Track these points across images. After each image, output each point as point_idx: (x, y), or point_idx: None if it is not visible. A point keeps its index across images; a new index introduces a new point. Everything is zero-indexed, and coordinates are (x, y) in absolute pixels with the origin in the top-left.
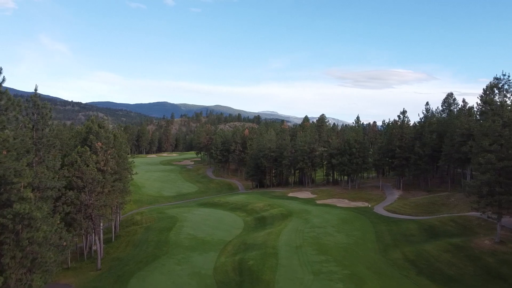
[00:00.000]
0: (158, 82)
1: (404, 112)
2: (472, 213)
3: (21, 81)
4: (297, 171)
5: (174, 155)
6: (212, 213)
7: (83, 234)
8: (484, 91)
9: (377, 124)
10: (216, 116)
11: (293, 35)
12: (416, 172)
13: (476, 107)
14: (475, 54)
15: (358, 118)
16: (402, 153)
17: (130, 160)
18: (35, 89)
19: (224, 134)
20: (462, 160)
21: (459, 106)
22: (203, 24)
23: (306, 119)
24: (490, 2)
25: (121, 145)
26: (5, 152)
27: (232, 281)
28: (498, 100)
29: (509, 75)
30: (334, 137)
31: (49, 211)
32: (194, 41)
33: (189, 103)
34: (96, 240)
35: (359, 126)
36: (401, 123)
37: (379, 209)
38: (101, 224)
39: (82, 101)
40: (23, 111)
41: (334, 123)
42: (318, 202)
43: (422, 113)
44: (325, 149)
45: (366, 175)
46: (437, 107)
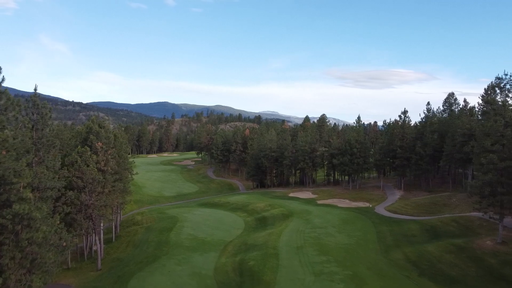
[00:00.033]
0: (159, 82)
1: (405, 112)
2: (474, 214)
3: (22, 81)
4: (298, 171)
5: (175, 155)
6: (212, 213)
7: (84, 234)
8: (485, 91)
9: (378, 124)
10: (216, 116)
11: (293, 35)
12: (417, 172)
13: (477, 107)
14: (476, 54)
15: (359, 118)
16: (403, 153)
17: (131, 160)
18: (35, 89)
19: (225, 134)
20: (463, 160)
21: (460, 106)
22: (203, 24)
23: (307, 119)
24: (490, 2)
25: (122, 145)
26: (5, 152)
27: (232, 281)
28: (500, 100)
29: (511, 75)
30: (335, 137)
31: (49, 211)
32: (195, 41)
33: (190, 103)
34: (96, 240)
35: (360, 126)
36: (402, 123)
37: (380, 210)
38: (101, 224)
39: (83, 101)
40: (22, 111)
41: (335, 123)
42: (319, 202)
43: (424, 113)
44: (326, 149)
45: (367, 175)
46: (438, 107)
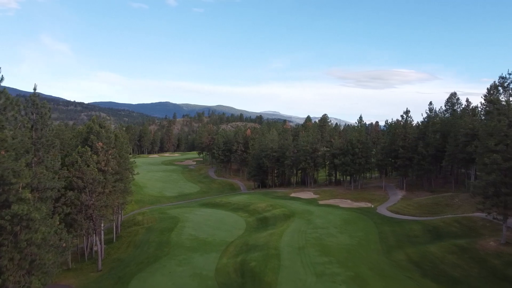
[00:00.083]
0: (160, 82)
1: (407, 112)
2: (477, 214)
3: (23, 81)
4: (300, 171)
5: (176, 155)
6: (214, 213)
7: (84, 235)
8: (488, 91)
9: (380, 124)
10: (218, 116)
11: (294, 35)
12: (420, 173)
13: (480, 106)
14: (478, 54)
15: (361, 118)
16: (405, 153)
17: (132, 160)
18: (34, 89)
19: (226, 134)
20: (466, 160)
21: (463, 106)
22: (205, 24)
23: (308, 119)
24: (491, 2)
25: (123, 145)
26: (4, 152)
27: (234, 282)
28: (503, 99)
29: None
30: (336, 137)
31: (48, 212)
32: (196, 41)
33: (191, 103)
34: (97, 241)
35: (362, 126)
36: (404, 123)
37: (382, 210)
38: (102, 225)
39: (85, 101)
40: (22, 111)
41: (336, 123)
42: (320, 202)
43: (426, 112)
44: (328, 149)
45: (369, 175)
46: (440, 106)
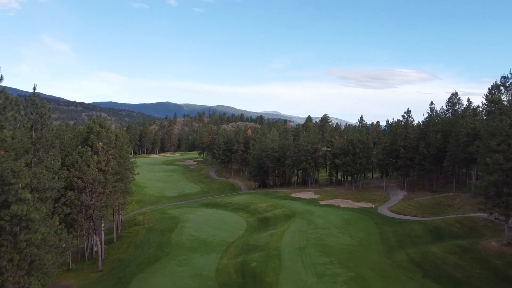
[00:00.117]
0: (161, 82)
1: (408, 112)
2: (478, 214)
3: (24, 81)
4: (300, 171)
5: (177, 155)
6: (214, 213)
7: (84, 235)
8: (489, 90)
9: (380, 124)
10: (218, 116)
11: (295, 35)
12: (421, 173)
13: (481, 106)
14: (478, 54)
15: (361, 117)
16: (406, 153)
17: (132, 160)
18: (34, 88)
19: (227, 134)
20: (467, 160)
21: (464, 106)
22: (205, 24)
23: (309, 119)
24: (492, 2)
25: (123, 145)
26: (3, 152)
27: (234, 283)
28: (505, 99)
29: None
30: (337, 137)
31: (48, 212)
32: (197, 41)
33: (192, 103)
34: (97, 241)
35: (363, 126)
36: (405, 123)
37: (383, 210)
38: (102, 225)
39: (85, 101)
40: (21, 111)
41: (337, 123)
42: (321, 202)
43: (427, 112)
44: (329, 149)
45: (369, 175)
46: (441, 106)
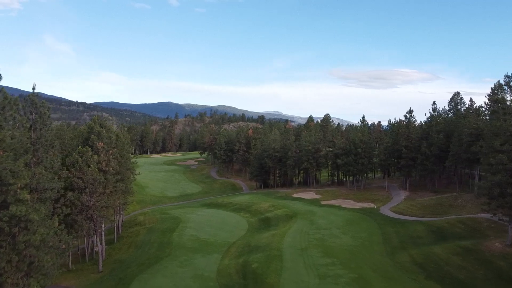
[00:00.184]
0: (163, 82)
1: (410, 112)
2: (481, 215)
3: (26, 81)
4: (302, 172)
5: (178, 155)
6: (215, 213)
7: (85, 235)
8: (492, 90)
9: (382, 124)
10: (220, 116)
11: (296, 35)
12: (423, 173)
13: (484, 106)
14: (480, 54)
15: (363, 117)
16: (408, 153)
17: (133, 160)
18: (33, 88)
19: (228, 134)
20: (470, 160)
21: (466, 106)
22: (207, 24)
23: (310, 119)
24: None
25: (124, 145)
26: (2, 153)
27: (235, 284)
28: (509, 98)
29: None
30: (339, 137)
31: (48, 213)
32: (198, 41)
33: (193, 103)
34: (97, 241)
35: (365, 126)
36: (408, 123)
37: (385, 210)
38: (102, 226)
39: (87, 101)
40: (20, 110)
41: (338, 123)
42: (323, 203)
43: (429, 112)
44: (330, 149)
45: (371, 175)
46: (443, 106)
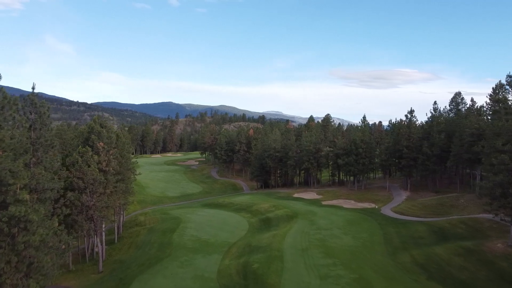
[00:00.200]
0: (163, 83)
1: (411, 112)
2: (483, 215)
3: (27, 81)
4: (303, 172)
5: (179, 155)
6: (216, 214)
7: (85, 236)
8: (493, 90)
9: (383, 124)
10: (220, 116)
11: (297, 35)
12: (424, 173)
13: (485, 106)
14: (481, 54)
15: (364, 117)
16: (409, 153)
17: (134, 160)
18: (33, 88)
19: (229, 134)
20: (471, 160)
21: (467, 106)
22: (207, 24)
23: (311, 119)
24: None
25: (124, 145)
26: (1, 153)
27: (236, 285)
28: (511, 98)
29: None
30: (340, 137)
31: (47, 213)
32: (199, 41)
33: (194, 103)
34: (97, 242)
35: (366, 126)
36: (409, 123)
37: (387, 211)
38: (103, 226)
39: (88, 102)
40: (20, 110)
41: (339, 123)
42: (324, 203)
43: (430, 112)
44: (331, 149)
45: (372, 175)
46: (444, 106)
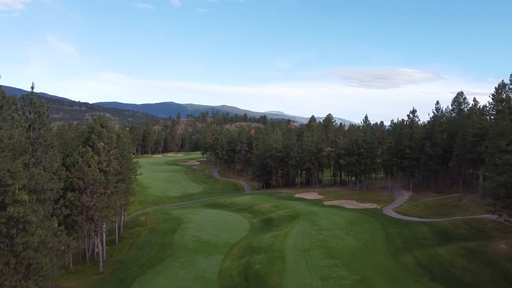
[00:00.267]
0: (165, 83)
1: (413, 112)
2: (486, 216)
3: (29, 81)
4: (304, 172)
5: (180, 155)
6: (217, 214)
7: (85, 236)
8: (496, 90)
9: (385, 124)
10: (222, 116)
11: (298, 35)
12: (426, 173)
13: (488, 106)
14: (482, 54)
15: (366, 117)
16: (411, 153)
17: (134, 160)
18: (32, 87)
19: (230, 134)
20: (474, 160)
21: (470, 105)
22: (209, 24)
23: (312, 119)
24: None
25: (125, 145)
26: (0, 153)
27: (237, 285)
28: None
29: None
30: (341, 137)
31: (47, 214)
32: (201, 42)
33: (195, 103)
34: (98, 242)
35: (368, 126)
36: (411, 123)
37: (389, 211)
38: (103, 226)
39: (89, 102)
40: (19, 110)
41: (341, 123)
42: (325, 203)
43: (432, 112)
44: (333, 149)
45: (374, 175)
46: (446, 106)
